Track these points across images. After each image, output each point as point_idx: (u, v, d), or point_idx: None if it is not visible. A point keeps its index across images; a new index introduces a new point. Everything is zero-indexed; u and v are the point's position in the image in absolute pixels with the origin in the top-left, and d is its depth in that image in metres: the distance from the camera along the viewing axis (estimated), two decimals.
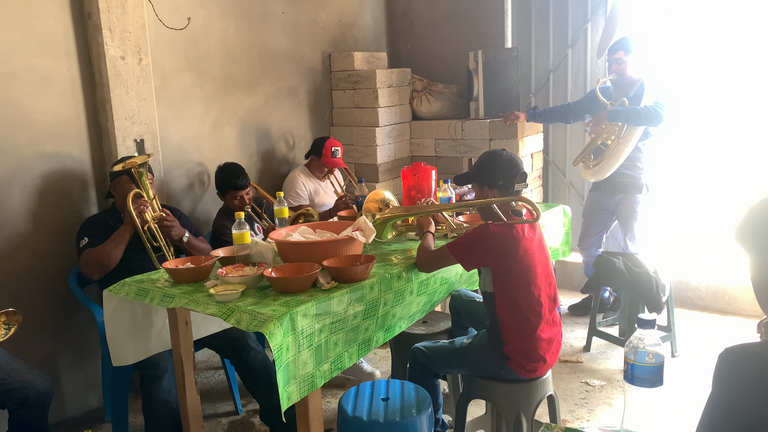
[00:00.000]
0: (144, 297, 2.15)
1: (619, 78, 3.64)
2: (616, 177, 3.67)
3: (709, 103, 4.12)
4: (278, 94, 4.04)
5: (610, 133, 3.59)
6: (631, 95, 3.58)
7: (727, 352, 1.10)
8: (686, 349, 3.42)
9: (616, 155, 3.57)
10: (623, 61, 3.57)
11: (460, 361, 2.30)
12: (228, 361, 2.99)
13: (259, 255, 2.24)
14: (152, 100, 3.21)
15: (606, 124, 3.58)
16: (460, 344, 2.32)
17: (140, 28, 3.11)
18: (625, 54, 3.56)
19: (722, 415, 1.07)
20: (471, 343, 2.30)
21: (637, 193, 3.66)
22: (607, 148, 3.60)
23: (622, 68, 3.59)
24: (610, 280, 3.31)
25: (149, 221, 2.74)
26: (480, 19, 4.59)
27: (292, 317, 1.80)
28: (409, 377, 2.40)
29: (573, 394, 3.02)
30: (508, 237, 2.14)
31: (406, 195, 3.00)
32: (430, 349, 2.36)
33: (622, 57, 3.57)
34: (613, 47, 3.63)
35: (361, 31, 4.67)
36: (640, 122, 3.48)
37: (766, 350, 1.07)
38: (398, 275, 2.21)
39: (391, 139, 4.43)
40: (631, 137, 3.54)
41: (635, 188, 3.66)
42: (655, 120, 3.45)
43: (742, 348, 1.09)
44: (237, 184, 3.14)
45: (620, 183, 3.68)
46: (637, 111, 3.46)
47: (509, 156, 2.28)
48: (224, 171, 3.21)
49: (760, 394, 1.02)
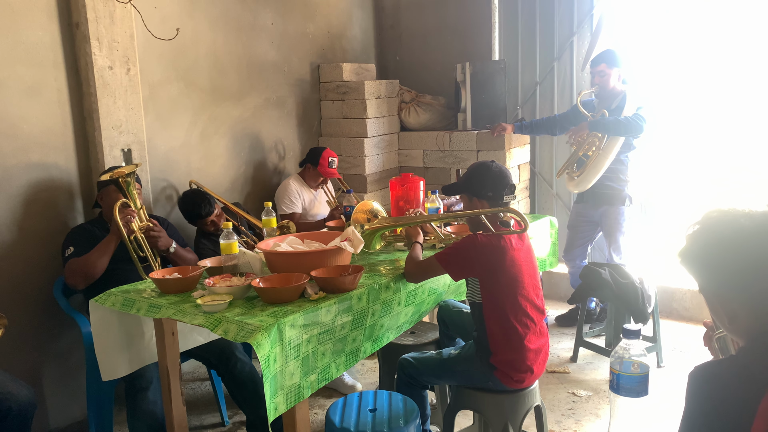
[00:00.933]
0: (130, 307, 2.14)
1: (602, 90, 3.68)
2: (599, 189, 3.70)
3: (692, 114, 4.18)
4: (267, 104, 4.05)
5: (591, 144, 3.63)
6: (613, 107, 3.63)
7: (696, 371, 1.12)
8: (672, 359, 3.45)
9: (597, 166, 3.61)
10: (606, 74, 3.62)
11: (448, 372, 2.31)
12: (214, 372, 2.96)
13: (247, 265, 2.24)
14: (140, 110, 3.20)
15: (586, 135, 3.62)
16: (448, 355, 2.32)
17: (128, 38, 3.11)
18: (607, 66, 3.61)
19: None
20: (458, 354, 2.31)
21: (620, 205, 3.70)
22: (588, 159, 3.64)
23: (604, 80, 3.64)
24: (596, 290, 3.33)
25: (136, 231, 2.72)
26: (467, 32, 4.64)
27: (279, 328, 1.79)
28: (397, 388, 2.40)
29: (560, 405, 3.02)
30: (496, 247, 2.16)
31: (394, 205, 3.01)
32: (418, 360, 2.36)
33: (604, 69, 3.62)
34: (595, 60, 3.68)
35: (349, 42, 4.70)
36: (620, 132, 3.52)
37: (732, 369, 1.09)
38: (386, 285, 2.22)
39: (379, 150, 4.44)
40: (611, 148, 3.57)
41: (619, 200, 3.69)
42: (635, 130, 3.50)
43: (710, 369, 1.11)
44: (201, 214, 3.16)
45: (604, 195, 3.72)
46: (618, 121, 3.51)
47: (498, 168, 2.30)
48: (186, 203, 3.21)
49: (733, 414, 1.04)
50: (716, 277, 1.16)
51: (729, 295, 1.15)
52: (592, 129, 3.59)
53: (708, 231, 1.17)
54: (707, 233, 1.17)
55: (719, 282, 1.16)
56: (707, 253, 1.17)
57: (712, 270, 1.16)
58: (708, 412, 1.08)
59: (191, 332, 2.52)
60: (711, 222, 1.17)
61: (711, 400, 1.08)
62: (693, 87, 4.14)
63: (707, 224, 1.18)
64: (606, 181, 3.67)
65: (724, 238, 1.14)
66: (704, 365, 1.12)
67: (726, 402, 1.06)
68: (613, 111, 3.61)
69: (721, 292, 1.17)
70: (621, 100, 3.62)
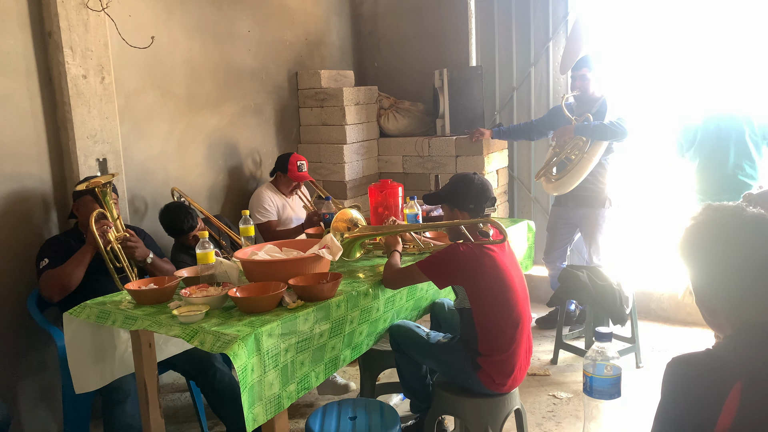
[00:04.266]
0: (105, 319, 2.11)
1: (582, 94, 3.73)
2: (579, 191, 3.74)
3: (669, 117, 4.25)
4: (244, 112, 4.03)
5: (574, 148, 3.67)
6: (593, 111, 3.68)
7: (673, 362, 1.15)
8: (650, 360, 3.49)
9: (580, 170, 3.65)
10: (587, 78, 3.67)
11: (432, 356, 2.34)
12: (194, 383, 2.93)
13: (224, 275, 2.22)
14: (115, 119, 3.17)
15: (570, 138, 3.66)
16: (436, 341, 2.35)
17: (103, 46, 3.08)
18: (588, 71, 3.66)
19: (669, 421, 1.12)
20: (446, 343, 2.33)
21: (600, 207, 3.74)
22: (571, 162, 3.68)
23: (585, 85, 3.69)
24: (575, 293, 3.37)
25: (112, 242, 2.69)
26: (445, 38, 4.67)
27: (257, 337, 1.78)
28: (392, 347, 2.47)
29: (540, 407, 3.04)
30: (477, 255, 2.19)
31: (373, 212, 3.02)
32: (408, 331, 2.40)
33: (585, 74, 3.67)
34: (577, 64, 3.73)
35: (327, 49, 4.71)
36: (606, 137, 3.57)
37: (709, 359, 1.12)
38: (365, 292, 2.22)
39: (359, 156, 4.45)
40: (595, 152, 3.62)
41: (598, 202, 3.74)
42: (620, 135, 3.55)
43: (686, 358, 1.14)
44: (183, 229, 3.11)
45: (583, 197, 3.77)
46: (603, 126, 3.56)
47: (481, 180, 2.34)
48: (167, 217, 3.15)
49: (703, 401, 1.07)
50: (702, 271, 1.20)
51: (711, 289, 1.19)
52: (577, 133, 3.63)
53: (700, 226, 1.21)
54: (699, 228, 1.21)
55: (704, 276, 1.20)
56: (696, 247, 1.21)
57: (699, 264, 1.21)
58: (679, 399, 1.11)
59: (168, 343, 2.50)
60: (705, 217, 1.22)
61: (683, 388, 1.11)
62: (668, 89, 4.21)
63: (702, 219, 1.22)
64: (586, 184, 3.71)
65: (713, 236, 1.18)
66: (681, 355, 1.15)
67: (697, 391, 1.09)
68: (594, 115, 3.66)
69: (704, 285, 1.21)
70: (601, 105, 3.67)
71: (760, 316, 1.13)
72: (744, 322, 1.14)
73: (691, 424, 1.07)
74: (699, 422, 1.06)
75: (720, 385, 1.06)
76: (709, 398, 1.06)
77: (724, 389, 1.05)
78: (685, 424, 1.08)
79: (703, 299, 1.22)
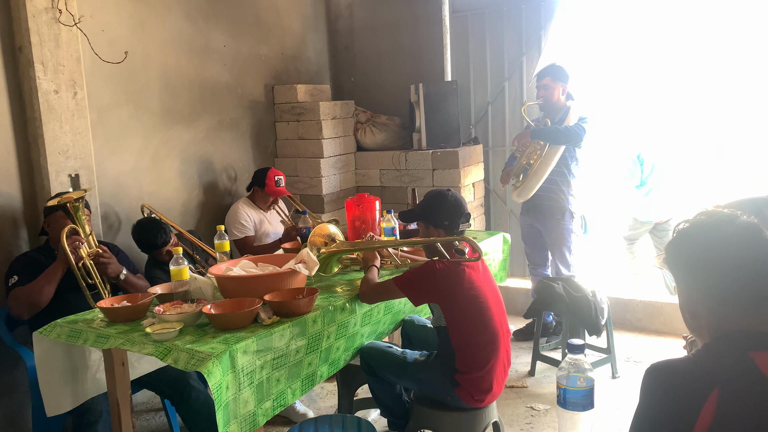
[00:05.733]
0: (77, 338, 2.07)
1: (546, 103, 3.79)
2: (541, 200, 3.78)
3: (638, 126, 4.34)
4: (220, 126, 4.01)
5: (533, 152, 3.72)
6: (557, 120, 3.74)
7: (652, 368, 1.16)
8: (626, 370, 3.53)
9: (538, 174, 3.69)
10: (550, 87, 3.73)
11: (409, 376, 2.32)
12: (168, 402, 2.88)
13: (199, 291, 2.20)
14: (88, 135, 3.13)
15: (528, 143, 3.71)
16: (413, 359, 2.34)
17: (75, 61, 3.05)
18: (552, 80, 3.72)
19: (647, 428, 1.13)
20: (423, 361, 2.32)
21: (561, 219, 3.78)
22: (530, 167, 3.73)
23: (548, 93, 3.75)
24: (551, 305, 3.39)
25: (84, 258, 2.65)
26: (420, 54, 4.72)
27: (231, 354, 1.76)
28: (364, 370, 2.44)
29: (519, 420, 3.05)
30: (453, 272, 2.20)
31: (350, 226, 3.02)
32: (380, 353, 2.37)
33: (548, 83, 3.73)
34: (540, 74, 3.79)
35: (304, 63, 4.72)
36: (560, 141, 3.62)
37: (687, 366, 1.14)
38: (342, 307, 2.21)
39: (336, 170, 4.45)
40: (552, 156, 3.67)
41: (560, 213, 3.77)
42: (575, 139, 3.60)
43: (666, 364, 1.16)
44: (157, 243, 3.07)
45: (545, 206, 3.79)
46: (558, 130, 3.62)
47: (454, 197, 2.35)
48: (140, 232, 3.11)
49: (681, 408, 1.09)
50: (689, 276, 1.22)
51: (697, 295, 1.21)
52: (533, 137, 3.69)
53: (692, 232, 1.23)
54: (691, 234, 1.23)
55: (691, 281, 1.22)
56: (686, 253, 1.23)
57: (687, 268, 1.22)
58: (657, 406, 1.12)
59: (141, 361, 2.45)
60: (695, 222, 1.24)
61: (661, 394, 1.12)
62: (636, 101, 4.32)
63: (695, 223, 1.24)
64: (549, 193, 3.75)
65: (704, 242, 1.20)
66: (660, 362, 1.17)
67: (675, 398, 1.10)
68: (556, 123, 3.71)
69: (689, 289, 1.22)
70: (564, 114, 3.72)
71: (739, 323, 1.15)
72: (723, 330, 1.16)
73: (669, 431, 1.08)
74: (676, 428, 1.07)
75: (698, 392, 1.07)
76: (687, 405, 1.08)
77: (701, 396, 1.07)
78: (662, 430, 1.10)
79: (688, 302, 1.23)
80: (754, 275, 1.14)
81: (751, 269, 1.14)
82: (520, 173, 3.80)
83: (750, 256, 1.15)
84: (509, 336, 2.34)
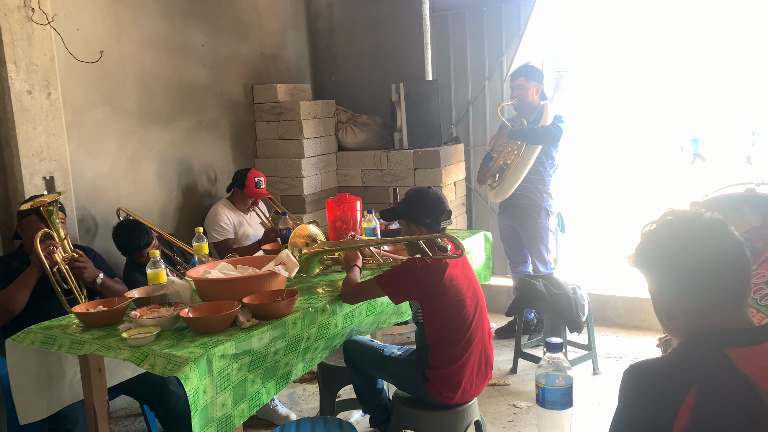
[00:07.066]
0: (51, 345, 2.03)
1: (521, 103, 3.80)
2: (518, 199, 3.79)
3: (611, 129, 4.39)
4: (199, 127, 3.97)
5: (510, 153, 3.73)
6: (531, 119, 3.75)
7: (630, 369, 1.17)
8: (607, 366, 3.55)
9: (516, 174, 3.71)
10: (524, 87, 3.75)
11: (386, 369, 2.37)
12: (147, 408, 2.84)
13: (176, 294, 2.17)
14: (63, 136, 3.08)
15: (505, 143, 3.72)
16: (390, 353, 2.39)
17: (49, 61, 2.99)
18: (526, 80, 3.74)
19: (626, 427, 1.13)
20: (400, 356, 2.36)
21: (537, 217, 3.79)
22: (508, 167, 3.74)
23: (523, 93, 3.76)
24: (532, 302, 3.41)
25: (59, 262, 2.60)
26: (401, 53, 4.71)
27: (209, 359, 1.74)
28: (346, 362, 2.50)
29: (501, 417, 3.06)
30: (434, 270, 2.19)
31: (331, 227, 3.00)
32: (362, 346, 2.43)
33: (523, 83, 3.75)
34: (514, 74, 3.81)
35: (284, 63, 4.68)
36: (537, 140, 3.64)
37: (665, 366, 1.14)
38: (322, 308, 2.19)
39: (317, 170, 4.42)
40: (529, 156, 3.68)
41: (536, 211, 3.79)
42: (551, 139, 3.62)
43: (643, 365, 1.16)
44: (139, 245, 3.02)
45: (521, 205, 3.81)
46: (535, 130, 3.63)
47: (435, 194, 2.35)
48: (121, 234, 3.06)
49: (660, 408, 1.09)
50: (661, 276, 1.22)
51: (669, 294, 1.21)
52: (511, 137, 3.70)
53: (660, 232, 1.23)
54: (659, 234, 1.23)
55: (663, 281, 1.22)
56: (655, 253, 1.23)
57: (658, 269, 1.23)
58: (636, 406, 1.13)
59: (119, 366, 2.41)
60: (663, 222, 1.24)
61: (640, 395, 1.13)
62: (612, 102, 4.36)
63: (662, 223, 1.24)
64: (525, 192, 3.76)
65: (673, 240, 1.20)
66: (638, 362, 1.17)
67: (653, 398, 1.10)
68: (532, 123, 3.72)
69: (663, 290, 1.22)
70: (539, 113, 3.74)
71: (714, 321, 1.15)
72: (698, 328, 1.16)
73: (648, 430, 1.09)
74: (656, 428, 1.08)
75: (675, 391, 1.08)
76: (665, 404, 1.08)
77: (679, 395, 1.07)
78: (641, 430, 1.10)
79: (662, 302, 1.23)
80: (724, 271, 1.15)
81: (721, 265, 1.15)
82: (497, 173, 3.81)
83: (718, 252, 1.16)
84: (489, 336, 2.34)
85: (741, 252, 1.16)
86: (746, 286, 1.16)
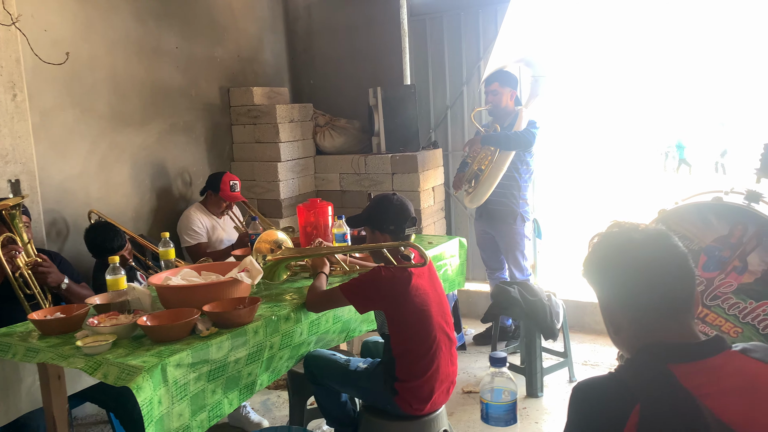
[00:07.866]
0: (6, 353, 1.98)
1: (495, 108, 3.80)
2: (493, 206, 3.79)
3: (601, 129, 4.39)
4: (172, 130, 3.91)
5: (484, 159, 3.72)
6: (506, 125, 3.75)
7: (578, 386, 1.15)
8: (584, 374, 3.54)
9: (490, 180, 3.70)
10: (498, 92, 3.74)
11: (352, 384, 2.30)
12: (113, 415, 2.78)
13: (137, 302, 2.12)
14: (29, 138, 3.02)
15: (480, 149, 3.71)
16: (355, 367, 2.31)
17: (14, 62, 2.94)
18: (500, 86, 3.73)
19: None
20: (366, 369, 2.30)
21: (513, 223, 3.79)
22: (482, 173, 3.73)
23: (497, 99, 3.76)
24: (507, 309, 3.39)
25: (22, 267, 2.54)
26: (379, 57, 4.69)
27: (163, 368, 1.70)
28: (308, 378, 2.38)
29: (474, 425, 3.03)
30: (399, 279, 2.16)
31: (302, 232, 2.96)
32: (325, 361, 2.33)
33: (497, 89, 3.74)
34: (488, 79, 3.79)
35: (261, 66, 4.64)
36: (510, 146, 3.63)
37: (611, 383, 1.12)
38: (286, 316, 2.16)
39: (294, 174, 4.39)
40: (503, 162, 3.68)
41: (512, 218, 3.78)
42: (524, 144, 3.61)
43: (590, 382, 1.15)
44: (113, 248, 2.96)
45: (497, 212, 3.80)
46: (508, 136, 3.63)
47: (399, 201, 2.32)
48: (95, 236, 3.00)
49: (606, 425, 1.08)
50: (606, 288, 1.21)
51: (615, 307, 1.20)
52: (484, 143, 3.69)
53: (603, 243, 1.22)
54: (603, 245, 1.22)
55: (608, 293, 1.21)
56: (600, 264, 1.22)
57: (603, 280, 1.21)
58: (583, 424, 1.12)
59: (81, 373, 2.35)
60: (608, 234, 1.23)
61: (587, 412, 1.11)
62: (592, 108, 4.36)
63: (605, 236, 1.23)
64: (501, 198, 3.76)
65: (615, 251, 1.19)
66: (586, 380, 1.16)
67: (600, 415, 1.09)
68: (506, 129, 3.72)
69: (609, 302, 1.21)
70: (513, 119, 3.73)
71: (658, 335, 1.14)
72: (644, 342, 1.14)
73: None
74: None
75: (621, 408, 1.06)
76: (611, 421, 1.07)
77: (625, 412, 1.05)
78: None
79: (610, 316, 1.22)
80: (666, 282, 1.14)
81: (663, 276, 1.14)
82: (472, 179, 3.80)
83: (659, 263, 1.14)
84: (454, 344, 2.31)
85: (684, 263, 1.15)
86: (691, 298, 1.15)
